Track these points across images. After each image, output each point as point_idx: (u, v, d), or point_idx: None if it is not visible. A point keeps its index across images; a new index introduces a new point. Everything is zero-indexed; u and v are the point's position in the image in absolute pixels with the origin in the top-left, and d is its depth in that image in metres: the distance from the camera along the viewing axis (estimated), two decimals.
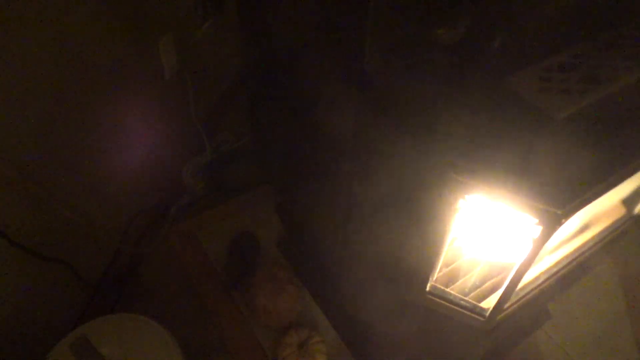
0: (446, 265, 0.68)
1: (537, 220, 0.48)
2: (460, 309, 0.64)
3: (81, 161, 0.92)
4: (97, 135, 0.94)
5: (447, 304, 0.64)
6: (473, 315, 0.64)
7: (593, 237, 0.74)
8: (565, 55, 0.53)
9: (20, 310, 0.89)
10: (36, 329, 0.94)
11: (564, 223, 0.47)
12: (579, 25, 0.55)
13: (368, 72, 0.53)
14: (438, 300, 0.64)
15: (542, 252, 0.53)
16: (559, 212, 0.46)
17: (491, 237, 0.64)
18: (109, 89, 0.92)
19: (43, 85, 0.78)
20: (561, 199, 0.46)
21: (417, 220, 0.57)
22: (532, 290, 0.69)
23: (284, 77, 0.80)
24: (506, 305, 0.63)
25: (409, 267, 0.62)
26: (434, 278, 0.64)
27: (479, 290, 0.67)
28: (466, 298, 0.64)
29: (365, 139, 0.62)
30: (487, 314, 0.63)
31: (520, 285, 0.59)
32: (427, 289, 0.64)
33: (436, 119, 0.49)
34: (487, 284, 0.68)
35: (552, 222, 0.47)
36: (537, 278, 0.69)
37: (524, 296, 0.68)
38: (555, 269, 0.71)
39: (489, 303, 0.64)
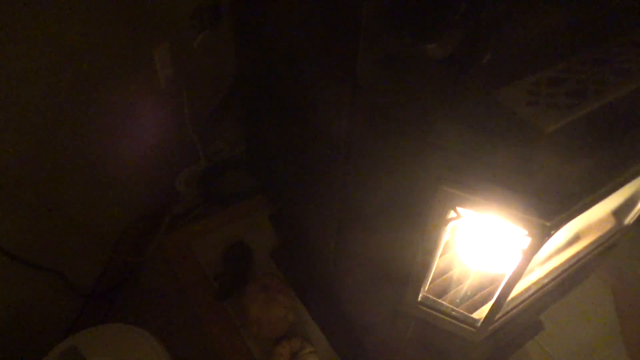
0: (439, 275, 0.68)
1: (526, 232, 0.49)
2: (452, 320, 0.64)
3: (74, 170, 0.92)
4: (90, 143, 0.94)
5: (439, 315, 0.64)
6: (464, 326, 0.64)
7: (584, 249, 0.74)
8: (553, 70, 0.53)
9: (11, 319, 0.88)
10: (27, 338, 0.93)
11: (553, 235, 0.48)
12: (568, 42, 0.56)
13: (361, 83, 0.54)
14: (429, 310, 0.64)
15: (533, 263, 0.53)
16: (548, 224, 0.47)
17: (484, 247, 0.65)
18: (104, 97, 0.92)
19: (36, 92, 0.78)
20: (550, 210, 0.47)
21: (408, 230, 0.57)
22: (523, 301, 0.69)
23: (277, 85, 0.81)
24: (497, 316, 0.63)
25: (401, 277, 0.62)
26: (426, 288, 0.64)
27: (471, 300, 0.67)
28: (457, 309, 0.64)
29: (358, 147, 0.62)
30: (479, 324, 0.63)
31: (511, 296, 0.60)
32: (419, 299, 0.64)
33: (427, 130, 0.49)
34: (479, 295, 0.68)
35: (541, 234, 0.48)
36: (528, 289, 0.70)
37: (515, 307, 0.68)
38: (546, 280, 0.71)
39: (480, 314, 0.65)
